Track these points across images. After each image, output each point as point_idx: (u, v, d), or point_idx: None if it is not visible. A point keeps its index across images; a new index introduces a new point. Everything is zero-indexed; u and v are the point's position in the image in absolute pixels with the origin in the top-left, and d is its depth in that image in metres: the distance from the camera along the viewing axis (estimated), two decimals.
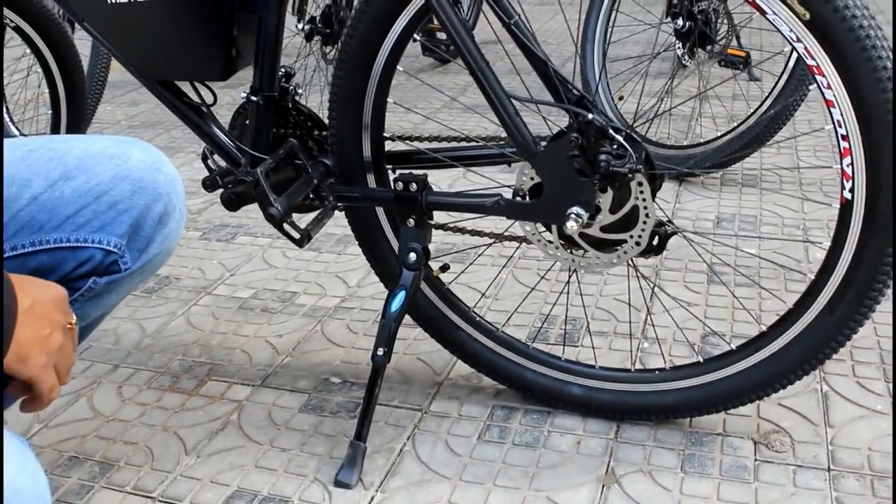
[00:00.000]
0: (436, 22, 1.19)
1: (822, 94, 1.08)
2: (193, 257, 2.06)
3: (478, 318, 1.44)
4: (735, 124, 2.26)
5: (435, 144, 1.36)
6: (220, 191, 1.35)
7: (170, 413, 1.47)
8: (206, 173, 1.39)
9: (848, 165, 1.10)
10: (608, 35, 2.51)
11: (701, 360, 1.33)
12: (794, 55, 2.19)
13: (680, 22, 2.34)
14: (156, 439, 1.40)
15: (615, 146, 1.13)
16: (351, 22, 1.24)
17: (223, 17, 1.27)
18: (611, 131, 1.12)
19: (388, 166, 1.38)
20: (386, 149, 1.37)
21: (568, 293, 1.69)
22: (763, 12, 1.06)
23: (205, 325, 1.75)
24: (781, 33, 1.06)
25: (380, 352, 1.31)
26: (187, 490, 1.28)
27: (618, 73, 2.62)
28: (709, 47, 2.42)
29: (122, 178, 1.00)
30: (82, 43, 2.21)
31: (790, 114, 2.19)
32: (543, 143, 1.19)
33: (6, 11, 1.77)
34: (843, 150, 1.10)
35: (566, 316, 1.68)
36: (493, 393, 1.47)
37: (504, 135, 1.22)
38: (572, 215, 1.15)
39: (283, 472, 1.31)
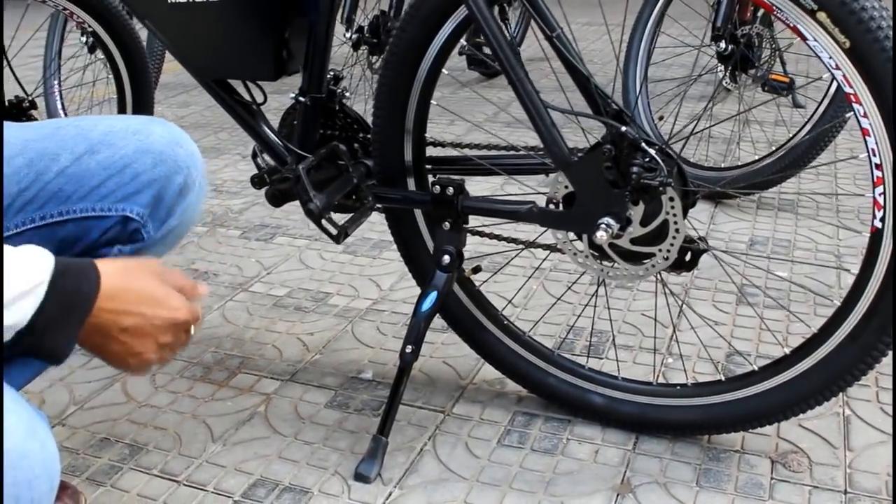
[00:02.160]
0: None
1: (859, 122, 1.08)
2: (232, 255, 2.11)
3: (505, 322, 1.46)
4: (773, 148, 2.26)
5: (475, 152, 1.40)
6: (266, 188, 1.40)
7: (200, 402, 1.51)
8: (249, 175, 1.44)
9: (880, 195, 1.10)
10: (651, 55, 2.53)
11: (723, 378, 1.34)
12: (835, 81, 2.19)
13: (722, 45, 2.35)
14: (184, 426, 1.45)
15: (647, 159, 1.15)
16: (399, 26, 1.28)
17: (275, 20, 1.32)
18: (643, 144, 1.14)
19: (427, 170, 1.41)
20: (427, 153, 1.40)
21: (595, 305, 1.70)
22: (804, 38, 1.06)
23: (239, 319, 1.79)
24: (821, 60, 1.07)
25: (408, 349, 1.34)
26: (212, 476, 1.32)
27: (660, 93, 2.63)
28: (751, 71, 2.43)
29: (143, 152, 1.04)
30: None
31: (829, 139, 2.19)
32: (579, 154, 1.22)
33: (73, 7, 1.83)
34: (875, 179, 1.10)
35: (592, 328, 1.69)
36: (515, 399, 1.49)
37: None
38: (602, 225, 1.17)
39: (306, 464, 1.34)
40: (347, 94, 1.43)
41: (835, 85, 2.18)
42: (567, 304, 1.79)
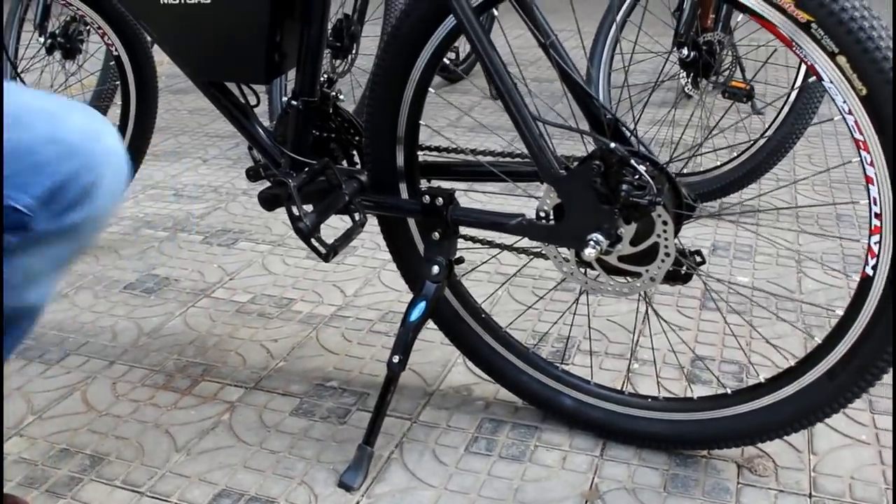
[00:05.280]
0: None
1: (864, 169, 1.06)
2: (194, 260, 2.08)
3: (483, 315, 1.45)
4: (735, 154, 2.28)
5: (468, 157, 1.38)
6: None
7: (162, 411, 1.49)
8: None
9: (875, 243, 1.09)
10: (612, 61, 2.54)
11: (694, 397, 1.34)
12: (795, 91, 2.23)
13: (685, 52, 2.37)
14: (147, 435, 1.42)
15: (637, 176, 1.14)
16: (390, 32, 1.26)
17: (266, 23, 1.31)
18: (633, 161, 1.13)
19: (420, 175, 1.39)
20: (420, 159, 1.39)
21: (574, 313, 1.70)
22: (820, 78, 1.04)
23: (201, 326, 1.77)
24: (834, 102, 1.04)
25: (395, 359, 1.32)
26: (175, 487, 1.30)
27: (622, 99, 2.65)
28: (713, 77, 2.45)
29: (53, 141, 0.95)
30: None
31: (789, 146, 2.22)
32: (573, 164, 1.20)
33: (82, 5, 1.80)
34: (873, 228, 1.09)
35: (570, 334, 1.70)
36: (482, 406, 1.49)
37: None
38: (591, 242, 1.16)
39: (272, 474, 1.32)
40: (341, 97, 1.41)
41: (795, 92, 2.22)
42: (533, 311, 1.79)
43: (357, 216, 1.32)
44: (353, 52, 2.65)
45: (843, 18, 0.97)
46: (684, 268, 1.25)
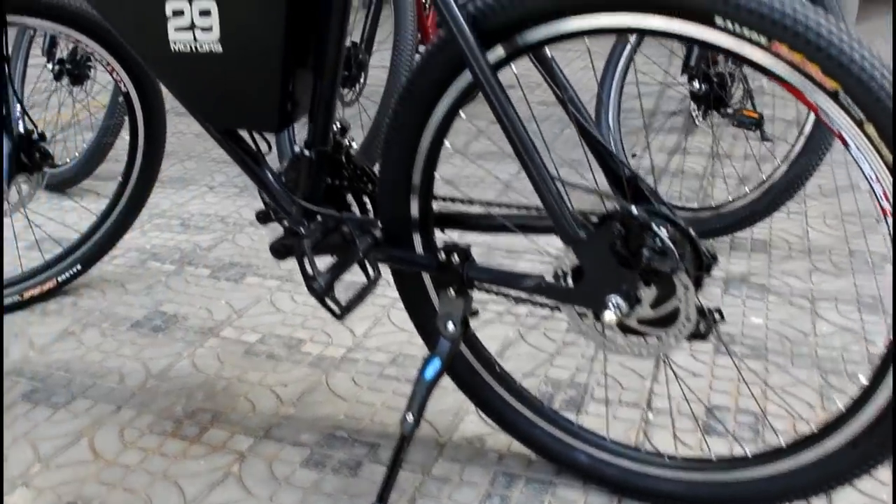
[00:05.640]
0: None
1: (893, 239, 1.03)
2: (201, 296, 2.06)
3: (498, 369, 1.44)
4: (747, 189, 2.27)
5: (484, 209, 1.36)
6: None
7: (171, 460, 1.47)
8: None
9: None
10: (622, 92, 2.53)
11: (713, 458, 1.32)
12: (811, 122, 2.21)
13: (696, 84, 2.35)
14: (156, 487, 1.40)
15: (659, 241, 1.12)
16: (404, 86, 1.23)
17: (279, 72, 1.29)
18: (654, 226, 1.11)
19: (434, 225, 1.37)
20: (435, 210, 1.36)
21: (593, 361, 1.68)
22: (846, 145, 1.01)
23: (210, 368, 1.75)
24: (861, 169, 1.02)
25: (409, 417, 1.29)
26: None
27: (630, 129, 2.63)
28: (724, 109, 2.44)
29: None
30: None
31: (803, 182, 2.20)
32: (592, 220, 1.17)
33: (90, 42, 1.78)
34: None
35: (586, 381, 1.67)
36: (495, 458, 1.46)
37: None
38: (611, 305, 1.14)
39: None
40: (354, 146, 1.40)
41: (809, 125, 2.20)
42: (544, 354, 1.77)
43: (371, 272, 1.30)
44: (362, 80, 2.63)
45: (872, 87, 0.95)
46: (703, 326, 1.23)
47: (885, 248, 2.32)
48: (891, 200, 1.02)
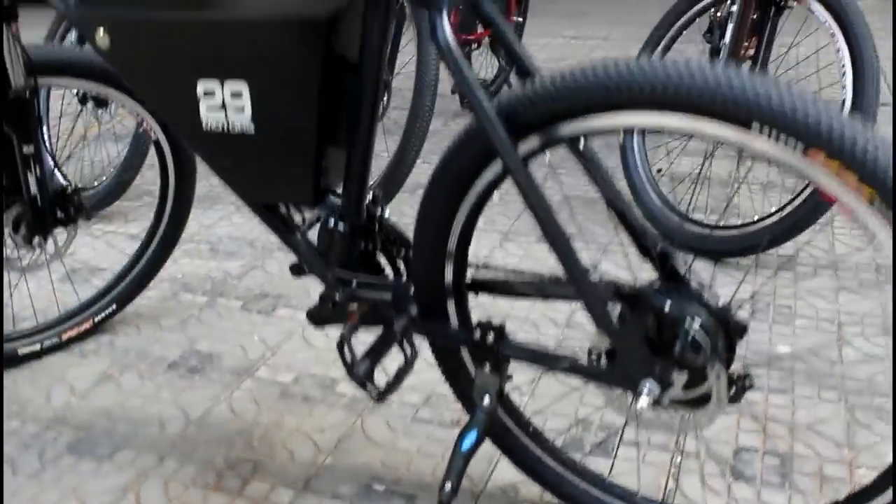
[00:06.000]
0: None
1: None
2: (235, 331, 2.10)
3: (532, 429, 1.47)
4: (773, 209, 2.27)
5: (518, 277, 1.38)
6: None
7: None
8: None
9: None
10: None
11: None
12: None
13: None
14: None
15: (692, 335, 1.13)
16: (438, 166, 1.25)
17: (313, 152, 1.32)
18: (688, 321, 1.13)
19: (468, 291, 1.39)
20: (469, 276, 1.39)
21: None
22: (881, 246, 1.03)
23: (247, 413, 1.79)
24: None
25: (447, 487, 1.32)
26: None
27: (655, 145, 2.64)
28: None
29: None
30: None
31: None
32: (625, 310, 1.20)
33: (118, 95, 1.81)
34: None
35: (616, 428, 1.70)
36: None
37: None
38: (645, 390, 1.17)
39: None
40: (387, 215, 1.42)
41: None
42: (575, 392, 1.80)
43: (408, 352, 1.33)
44: (385, 102, 2.64)
45: None
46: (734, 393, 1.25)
47: None
48: None
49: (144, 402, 1.84)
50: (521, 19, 3.77)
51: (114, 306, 2.06)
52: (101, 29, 1.36)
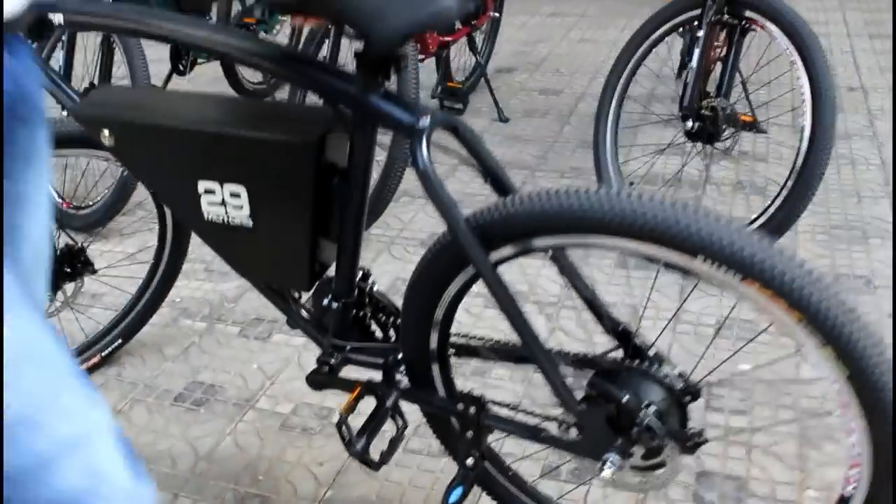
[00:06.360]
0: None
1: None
2: (234, 360, 2.24)
3: (511, 473, 1.62)
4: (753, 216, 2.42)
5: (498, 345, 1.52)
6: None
7: None
8: None
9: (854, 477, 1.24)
10: (619, 122, 2.65)
11: None
12: (799, 162, 2.34)
13: (689, 123, 2.46)
14: None
15: (647, 423, 1.28)
16: (417, 268, 1.38)
17: (306, 244, 1.44)
18: (642, 413, 1.27)
19: (451, 354, 1.52)
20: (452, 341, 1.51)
21: None
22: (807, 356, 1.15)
23: (251, 447, 1.94)
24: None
25: None
26: None
27: (626, 159, 2.76)
28: (718, 144, 2.56)
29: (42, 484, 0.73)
30: None
31: (795, 217, 2.35)
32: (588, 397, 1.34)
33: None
34: (853, 462, 1.23)
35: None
36: None
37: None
38: (608, 462, 1.32)
39: None
40: (377, 289, 1.55)
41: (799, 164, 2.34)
42: None
43: (399, 422, 1.48)
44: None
45: (829, 317, 1.11)
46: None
47: (867, 272, 2.48)
48: (848, 399, 1.18)
49: (155, 437, 1.99)
50: (497, 14, 3.84)
51: (119, 340, 2.19)
52: (106, 130, 1.47)
